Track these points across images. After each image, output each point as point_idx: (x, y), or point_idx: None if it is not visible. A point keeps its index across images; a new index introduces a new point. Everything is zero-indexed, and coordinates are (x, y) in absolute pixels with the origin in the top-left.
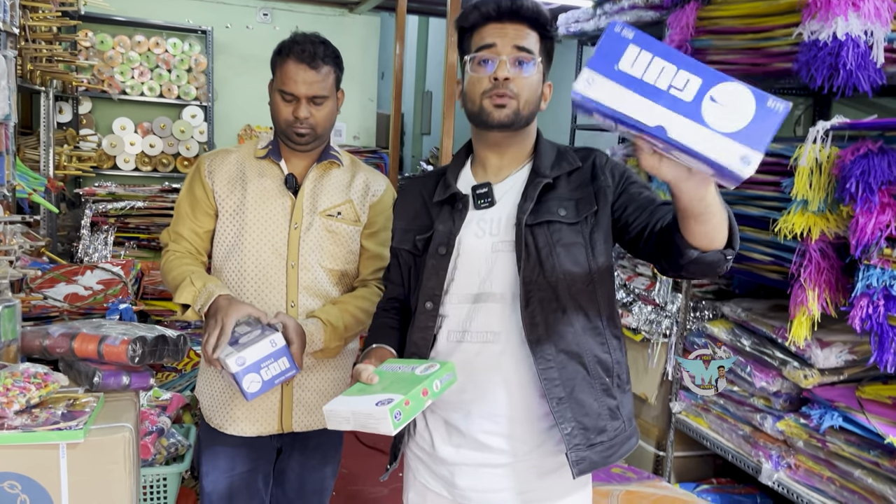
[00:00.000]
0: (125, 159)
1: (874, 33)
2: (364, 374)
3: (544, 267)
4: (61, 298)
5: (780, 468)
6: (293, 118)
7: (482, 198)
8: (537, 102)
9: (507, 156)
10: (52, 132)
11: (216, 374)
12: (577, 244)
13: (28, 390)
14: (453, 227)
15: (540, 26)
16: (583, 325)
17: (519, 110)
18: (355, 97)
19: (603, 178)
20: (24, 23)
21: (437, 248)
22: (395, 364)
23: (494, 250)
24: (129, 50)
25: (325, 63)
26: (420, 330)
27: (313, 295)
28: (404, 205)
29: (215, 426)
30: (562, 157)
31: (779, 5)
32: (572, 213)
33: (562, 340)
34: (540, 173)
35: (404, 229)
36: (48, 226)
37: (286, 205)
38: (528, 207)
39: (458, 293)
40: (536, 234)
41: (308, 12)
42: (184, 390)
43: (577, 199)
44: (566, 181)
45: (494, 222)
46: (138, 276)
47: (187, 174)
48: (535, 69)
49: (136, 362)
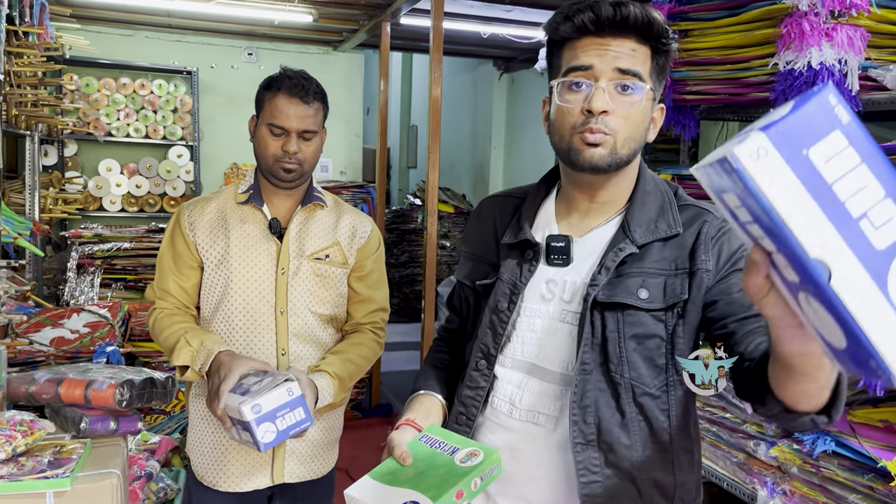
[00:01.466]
0: (111, 200)
1: (848, 62)
2: (398, 450)
3: (609, 359)
4: (48, 343)
5: (775, 495)
6: (282, 152)
7: (556, 253)
8: (643, 136)
9: (598, 199)
10: (38, 175)
11: (208, 430)
12: (654, 337)
13: (14, 438)
14: (518, 280)
15: (653, 38)
16: (643, 439)
17: (616, 150)
18: (341, 133)
19: (705, 257)
20: (10, 68)
21: (498, 303)
22: (436, 437)
23: (562, 319)
24: (114, 92)
25: (315, 99)
26: (470, 388)
27: (304, 341)
28: (478, 229)
29: (208, 484)
30: (663, 213)
31: (754, 37)
32: (657, 297)
33: (612, 453)
34: (629, 234)
35: (468, 257)
36: (34, 269)
37: (271, 250)
38: (601, 280)
39: (512, 357)
40: (606, 317)
41: (293, 51)
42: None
43: (666, 278)
44: (661, 245)
45: (568, 286)
46: (125, 317)
47: (167, 226)
48: (642, 97)
49: (123, 406)
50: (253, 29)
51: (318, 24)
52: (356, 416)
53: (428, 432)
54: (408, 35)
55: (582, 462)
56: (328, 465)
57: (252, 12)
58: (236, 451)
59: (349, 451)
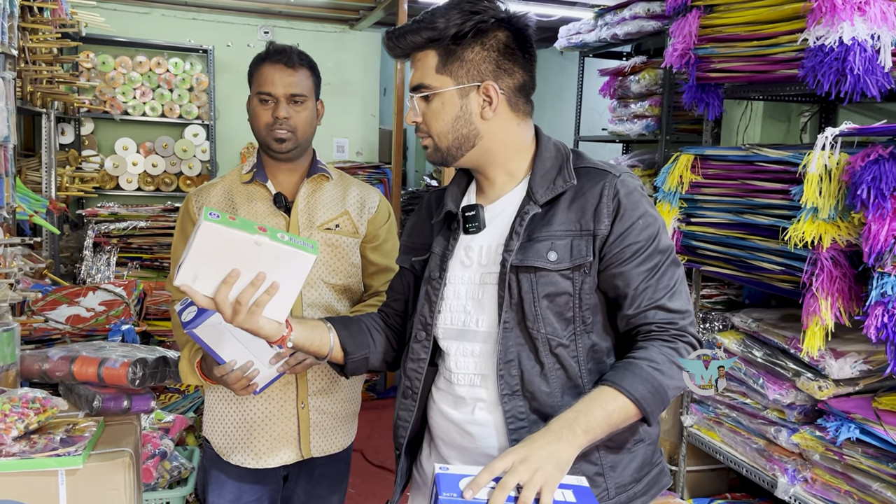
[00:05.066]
0: (128, 179)
1: (881, 37)
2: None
3: (526, 316)
4: (63, 321)
5: (796, 482)
6: (272, 120)
7: (470, 221)
8: (464, 125)
9: (494, 176)
10: (54, 153)
11: (229, 410)
12: (563, 294)
13: (26, 416)
14: (446, 250)
15: (429, 45)
16: (561, 385)
17: (441, 149)
18: (357, 113)
19: (607, 221)
20: (24, 45)
21: (431, 272)
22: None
23: (482, 282)
24: (130, 70)
25: (301, 65)
26: (413, 361)
27: (320, 311)
28: (416, 218)
29: (236, 462)
30: (560, 172)
31: (783, 11)
32: (564, 258)
33: (535, 400)
34: (532, 197)
35: (406, 245)
36: (51, 247)
37: (280, 224)
38: (514, 245)
39: (443, 326)
40: (521, 279)
41: (309, 29)
42: (187, 412)
43: (573, 238)
44: (566, 207)
45: (484, 251)
46: (141, 296)
47: (177, 217)
48: (439, 100)
49: (136, 385)
50: (269, 7)
51: (335, 2)
52: (371, 397)
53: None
54: None
55: (510, 412)
56: (349, 439)
57: None
58: (261, 428)
59: (365, 430)
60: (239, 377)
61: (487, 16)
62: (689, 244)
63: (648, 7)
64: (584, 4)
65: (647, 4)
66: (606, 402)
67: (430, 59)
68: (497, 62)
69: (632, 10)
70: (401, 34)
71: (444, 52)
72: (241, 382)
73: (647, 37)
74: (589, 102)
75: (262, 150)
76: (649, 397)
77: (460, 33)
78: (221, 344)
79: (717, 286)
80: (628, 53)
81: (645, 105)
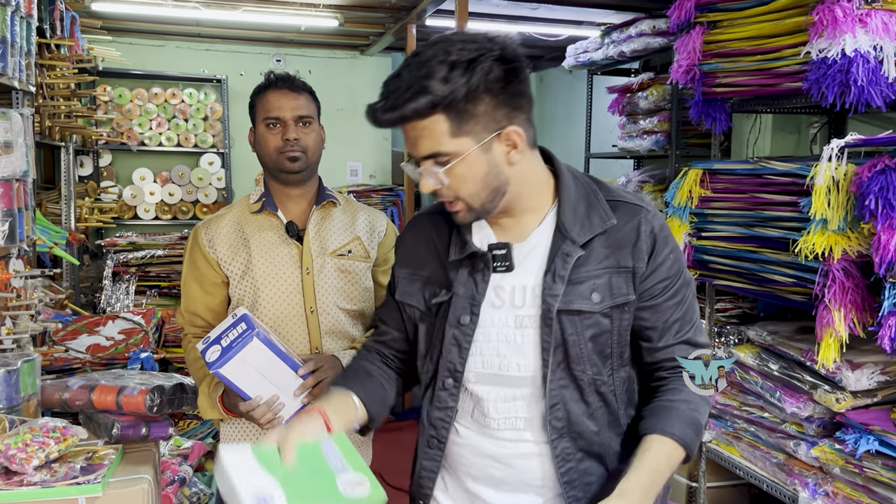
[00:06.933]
0: (145, 209)
1: (884, 48)
2: (287, 451)
3: (571, 359)
4: (83, 350)
5: (817, 496)
6: (282, 142)
7: (499, 261)
8: (491, 179)
9: (517, 214)
10: (73, 185)
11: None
12: (605, 333)
13: (47, 445)
14: (476, 291)
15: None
16: (606, 422)
17: (473, 207)
18: (370, 137)
19: (646, 257)
20: (42, 81)
21: (461, 317)
22: (332, 448)
23: (518, 325)
24: (146, 102)
25: (303, 90)
26: (440, 409)
27: (336, 338)
28: (412, 247)
29: None
30: (592, 207)
31: (785, 25)
32: (605, 297)
33: (582, 440)
34: (567, 235)
35: (409, 278)
36: (71, 278)
37: (293, 253)
38: (558, 290)
39: (475, 371)
40: (563, 321)
41: (320, 56)
42: (205, 437)
43: (611, 275)
44: (601, 245)
45: (517, 292)
46: (159, 324)
47: (185, 249)
48: (463, 162)
49: (154, 412)
50: (280, 35)
51: (345, 29)
52: (389, 419)
53: (334, 441)
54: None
55: (559, 455)
56: (365, 462)
57: (278, 18)
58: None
59: (382, 453)
60: (265, 412)
61: (487, 60)
62: (700, 258)
63: (654, 24)
64: (590, 23)
65: (653, 22)
66: (671, 455)
67: (439, 124)
68: (507, 102)
69: (637, 27)
70: (393, 107)
71: (456, 114)
72: (267, 416)
73: (654, 53)
74: (599, 119)
75: (272, 176)
76: (695, 439)
77: (470, 91)
78: (247, 380)
79: (732, 300)
80: (636, 70)
81: (654, 121)
